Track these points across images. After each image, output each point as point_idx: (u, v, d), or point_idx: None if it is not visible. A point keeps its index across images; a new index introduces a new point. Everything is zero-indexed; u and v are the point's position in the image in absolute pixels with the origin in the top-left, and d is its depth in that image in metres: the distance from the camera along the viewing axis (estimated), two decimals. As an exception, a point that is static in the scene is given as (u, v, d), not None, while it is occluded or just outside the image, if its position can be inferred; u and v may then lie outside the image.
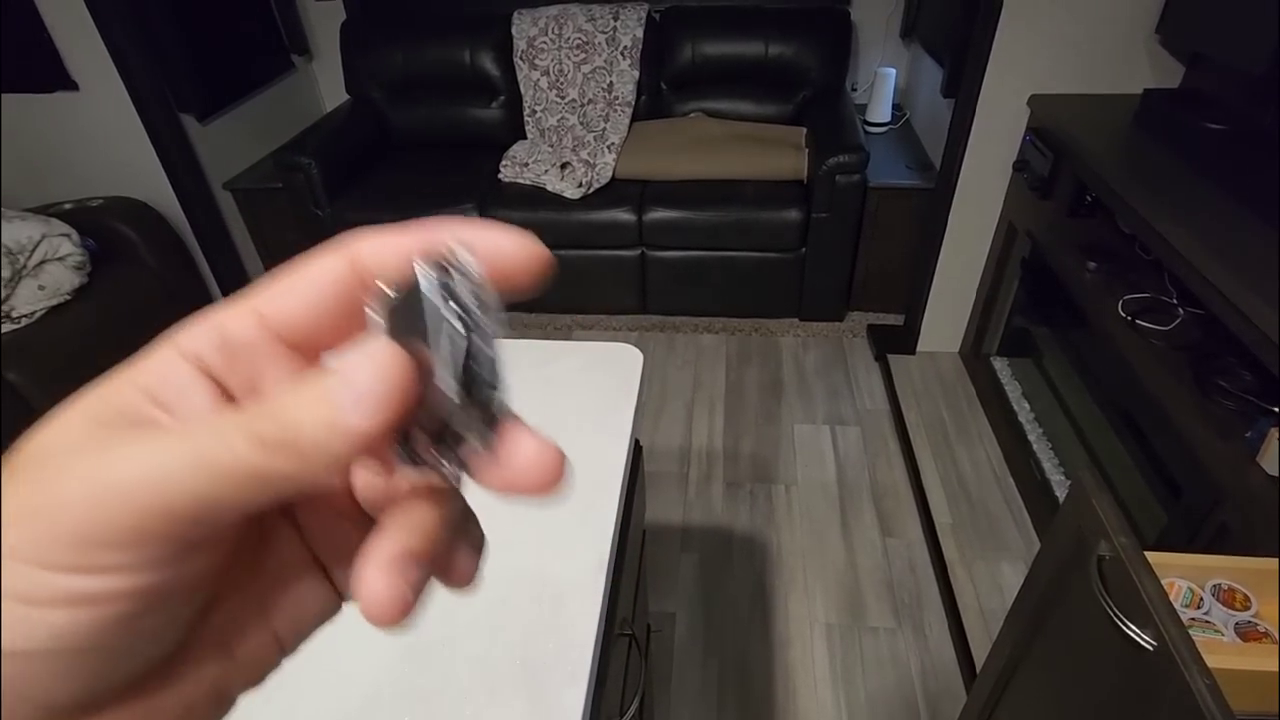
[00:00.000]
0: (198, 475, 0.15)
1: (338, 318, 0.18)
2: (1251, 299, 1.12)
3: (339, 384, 0.16)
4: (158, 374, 0.17)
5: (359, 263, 0.18)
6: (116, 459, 0.15)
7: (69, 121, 2.35)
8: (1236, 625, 0.84)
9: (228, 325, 0.18)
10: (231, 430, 0.15)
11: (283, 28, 2.91)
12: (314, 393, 0.16)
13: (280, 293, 0.18)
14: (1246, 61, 1.42)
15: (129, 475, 0.15)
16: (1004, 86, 1.91)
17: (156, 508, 0.15)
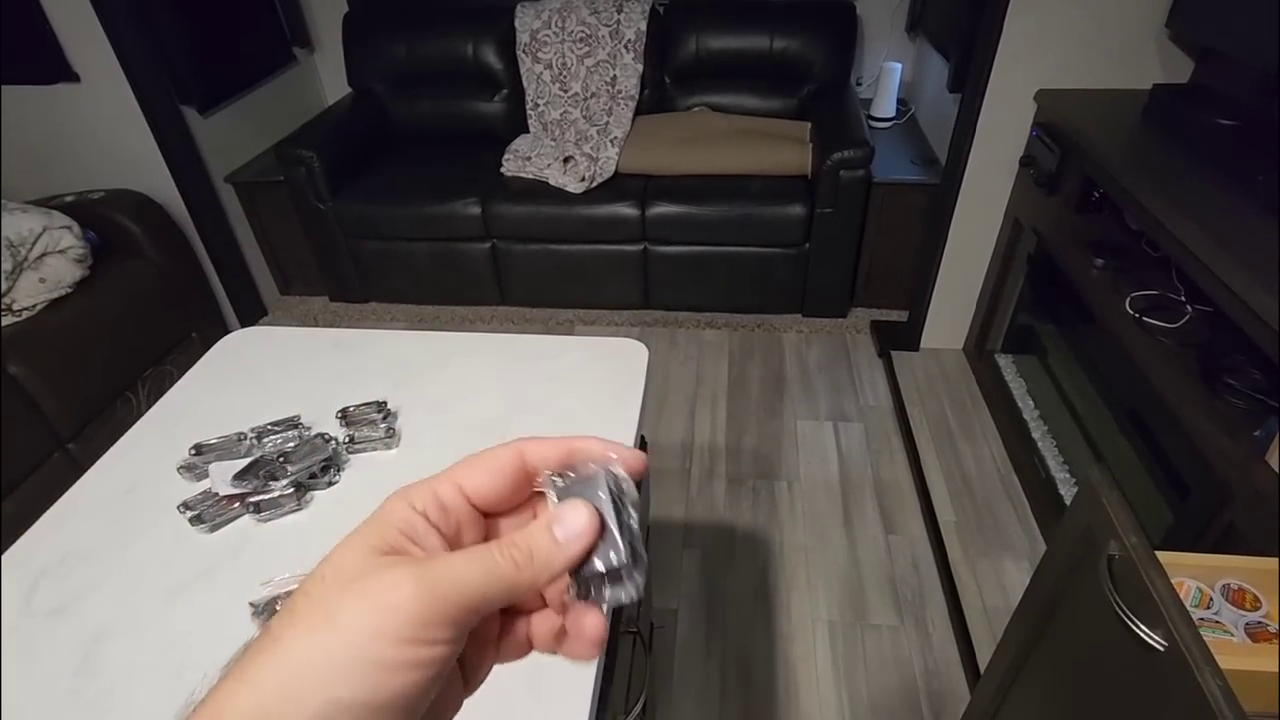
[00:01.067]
0: (487, 580, 0.24)
1: (510, 492, 0.28)
2: (1261, 296, 1.11)
3: (561, 526, 0.26)
4: (403, 520, 0.25)
5: (525, 456, 0.28)
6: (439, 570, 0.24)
7: (70, 114, 2.34)
8: (1246, 625, 0.84)
9: (440, 491, 0.27)
10: (501, 554, 0.25)
11: (284, 20, 2.89)
12: (546, 532, 0.26)
13: (475, 473, 0.28)
14: (1257, 57, 1.41)
15: (452, 579, 0.23)
16: (1010, 81, 1.90)
17: (465, 600, 0.23)
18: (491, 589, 0.24)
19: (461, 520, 0.27)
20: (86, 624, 0.70)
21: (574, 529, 0.26)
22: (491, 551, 0.25)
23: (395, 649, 0.22)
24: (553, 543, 0.25)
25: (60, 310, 1.94)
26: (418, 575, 0.23)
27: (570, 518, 0.26)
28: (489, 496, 0.28)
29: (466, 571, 0.24)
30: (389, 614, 0.22)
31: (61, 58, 2.23)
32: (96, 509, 0.83)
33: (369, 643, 0.21)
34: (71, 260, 1.97)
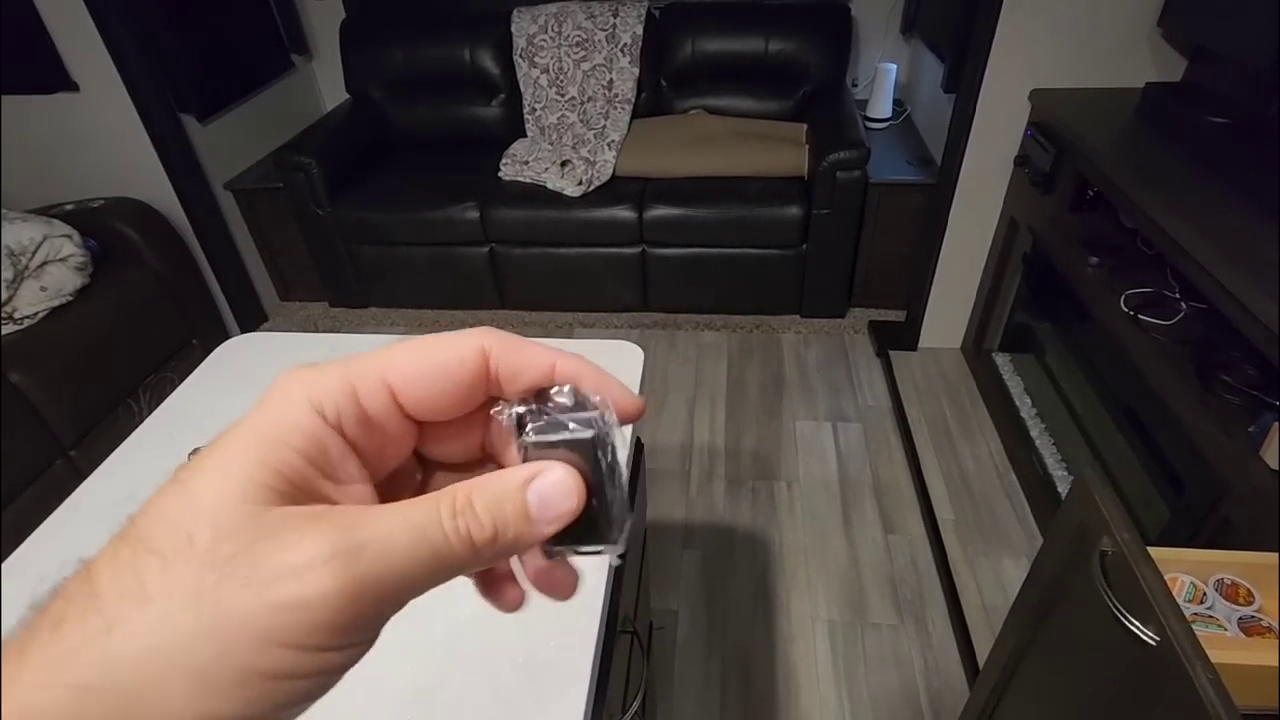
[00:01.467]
0: (427, 562, 0.17)
1: (459, 401, 0.21)
2: (1255, 293, 1.11)
3: (539, 504, 0.19)
4: (310, 438, 0.18)
5: (491, 358, 0.21)
6: (371, 548, 0.17)
7: (69, 122, 2.35)
8: (1240, 620, 0.84)
9: (363, 393, 0.19)
10: (453, 524, 0.18)
11: (282, 27, 2.91)
12: (518, 504, 0.19)
13: (414, 374, 0.20)
14: (1250, 54, 1.42)
15: (388, 573, 0.17)
16: (1005, 81, 1.91)
17: (395, 592, 0.17)
18: (433, 573, 0.18)
19: (388, 435, 0.20)
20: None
21: (557, 506, 0.19)
22: (439, 518, 0.18)
23: (295, 657, 0.16)
24: (525, 519, 0.19)
25: (61, 318, 1.95)
26: (340, 556, 0.16)
27: (553, 490, 0.19)
28: (429, 402, 0.20)
29: (402, 545, 0.17)
30: (293, 615, 0.16)
31: (60, 67, 2.25)
32: (97, 515, 0.83)
33: (257, 649, 0.16)
34: (72, 268, 1.98)
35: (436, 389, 0.20)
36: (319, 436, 0.18)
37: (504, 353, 0.21)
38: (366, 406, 0.19)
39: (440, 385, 0.20)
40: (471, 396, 0.21)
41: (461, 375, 0.20)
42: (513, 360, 0.21)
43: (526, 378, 0.21)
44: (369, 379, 0.19)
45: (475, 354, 0.20)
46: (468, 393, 0.21)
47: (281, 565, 0.16)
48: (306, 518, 0.17)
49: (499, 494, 0.19)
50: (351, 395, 0.19)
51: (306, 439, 0.18)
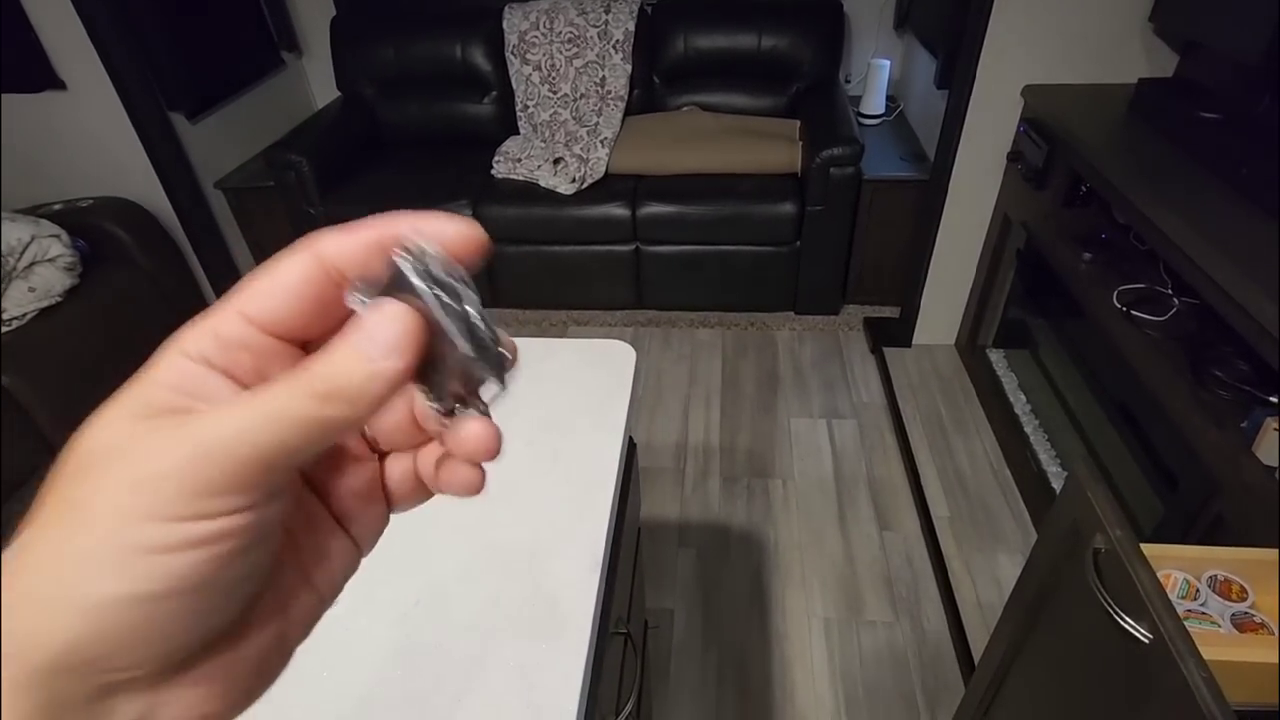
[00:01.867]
0: (278, 428, 0.18)
1: (314, 309, 0.21)
2: (1247, 288, 1.11)
3: (367, 340, 0.19)
4: (177, 373, 0.20)
5: (324, 258, 0.21)
6: (210, 426, 0.18)
7: (57, 121, 2.33)
8: (1233, 616, 0.84)
9: (219, 327, 0.20)
10: (296, 391, 0.19)
11: (272, 24, 2.89)
12: (349, 352, 0.19)
13: (258, 293, 0.21)
14: (1241, 49, 1.42)
15: (226, 435, 0.18)
16: (998, 77, 1.91)
17: (252, 458, 0.18)
18: (289, 435, 0.19)
19: (260, 356, 0.21)
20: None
21: (385, 338, 0.19)
22: (280, 389, 0.19)
23: (162, 529, 0.17)
24: (363, 362, 0.19)
25: (51, 319, 1.93)
26: (181, 437, 0.18)
27: (377, 326, 0.19)
28: (285, 319, 0.21)
29: (249, 419, 0.18)
30: (147, 490, 0.17)
31: (47, 65, 2.23)
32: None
33: (126, 527, 0.17)
34: (61, 269, 1.96)
35: (281, 300, 0.21)
36: (184, 370, 0.20)
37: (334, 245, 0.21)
38: (225, 334, 0.20)
39: (284, 296, 0.21)
40: (324, 300, 0.21)
41: (298, 280, 0.21)
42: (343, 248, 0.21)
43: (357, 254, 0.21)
44: (224, 314, 0.20)
45: (308, 256, 0.21)
46: (314, 295, 0.21)
47: (135, 454, 0.18)
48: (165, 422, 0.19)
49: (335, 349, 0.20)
50: (210, 333, 0.20)
51: (174, 374, 0.20)
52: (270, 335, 0.21)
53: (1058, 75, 1.88)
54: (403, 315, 0.20)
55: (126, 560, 0.17)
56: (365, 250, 0.21)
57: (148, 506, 0.17)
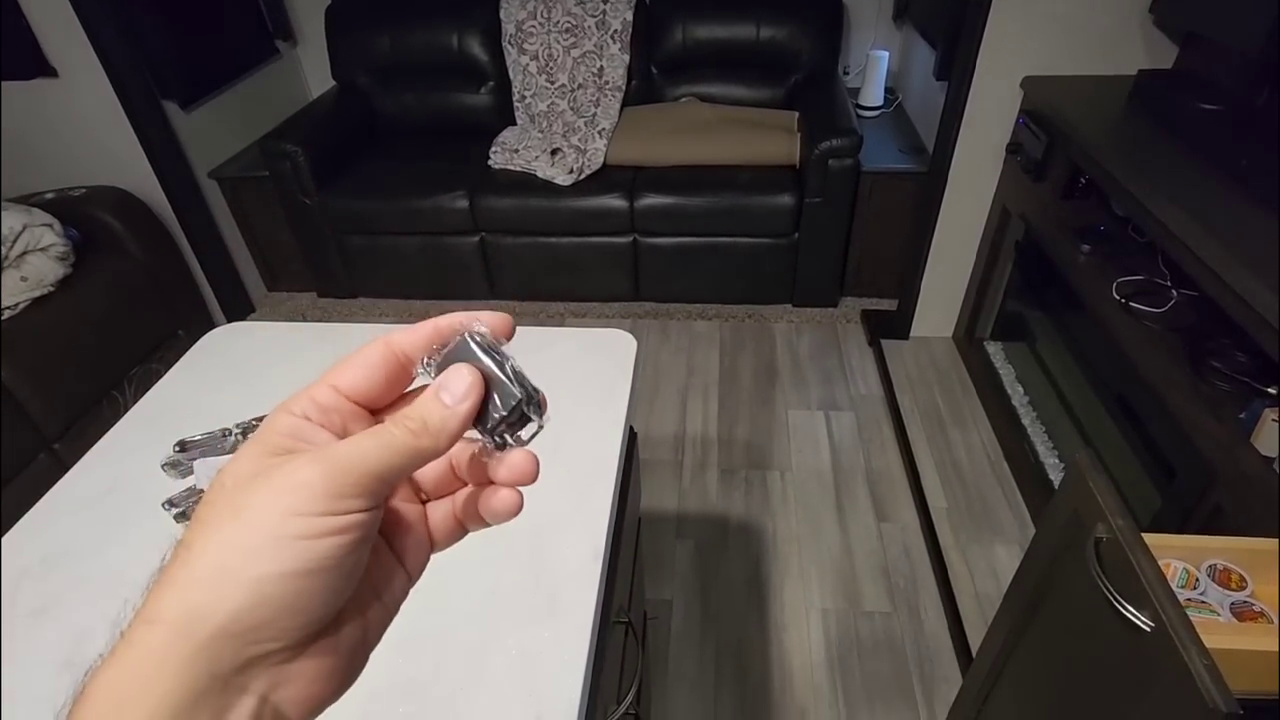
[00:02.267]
0: (388, 453, 0.26)
1: (386, 383, 0.29)
2: (1246, 280, 1.11)
3: (446, 392, 0.27)
4: (288, 426, 0.27)
5: (393, 345, 0.29)
6: (340, 450, 0.25)
7: (49, 109, 2.30)
8: (1232, 605, 0.85)
9: (316, 395, 0.28)
10: (399, 428, 0.26)
11: (266, 12, 2.86)
12: (434, 400, 0.27)
13: (345, 370, 0.29)
14: (1241, 41, 1.41)
15: (354, 455, 0.25)
16: (997, 68, 1.90)
17: (371, 472, 0.25)
18: (394, 458, 0.26)
19: (345, 417, 0.28)
20: (69, 625, 0.69)
21: (458, 389, 0.27)
22: (388, 426, 0.26)
23: (309, 521, 0.23)
24: (443, 406, 0.27)
25: (43, 309, 1.91)
26: (318, 456, 0.25)
27: (452, 380, 0.27)
28: (365, 390, 0.29)
29: (366, 445, 0.25)
30: (297, 493, 0.23)
31: (39, 52, 2.20)
32: (79, 508, 0.82)
33: (282, 521, 0.23)
34: (54, 258, 1.94)
35: (362, 375, 0.28)
36: (291, 424, 0.27)
37: (401, 336, 0.29)
38: (321, 401, 0.28)
39: (363, 371, 0.28)
40: (392, 376, 0.29)
41: (373, 359, 0.29)
42: (409, 339, 0.29)
43: (422, 341, 0.29)
44: (319, 386, 0.28)
45: (381, 344, 0.29)
46: (385, 373, 0.29)
47: (284, 470, 0.24)
48: (297, 453, 0.25)
49: (423, 398, 0.28)
50: (309, 398, 0.28)
51: (287, 427, 0.27)
52: (352, 402, 0.28)
53: (1057, 67, 1.87)
54: (470, 372, 0.28)
55: (283, 545, 0.23)
56: (425, 339, 0.29)
57: (297, 505, 0.23)
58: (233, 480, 0.25)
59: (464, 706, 0.61)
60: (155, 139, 2.36)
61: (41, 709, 0.62)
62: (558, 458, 0.83)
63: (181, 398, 0.97)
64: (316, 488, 0.24)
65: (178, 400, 0.96)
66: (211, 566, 0.23)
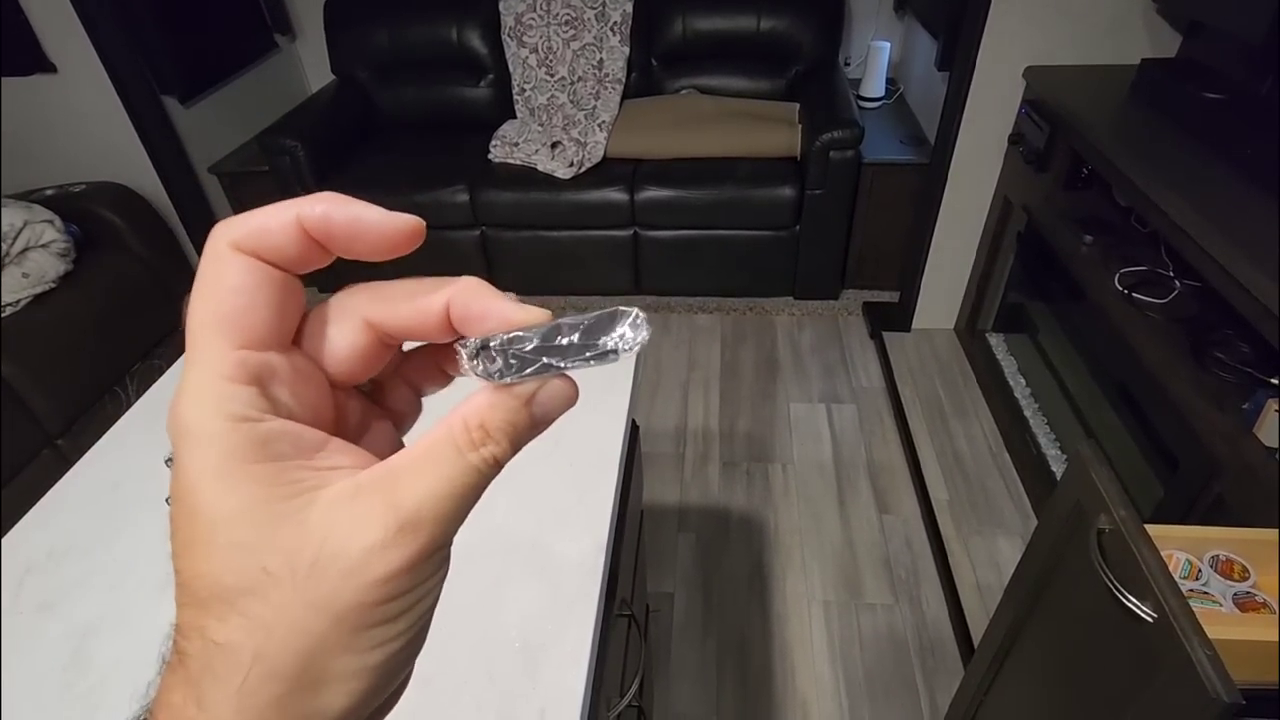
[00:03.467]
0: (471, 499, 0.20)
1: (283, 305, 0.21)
2: (1250, 270, 1.11)
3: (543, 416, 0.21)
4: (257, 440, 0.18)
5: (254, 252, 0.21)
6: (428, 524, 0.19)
7: (48, 105, 2.30)
8: (1235, 596, 0.85)
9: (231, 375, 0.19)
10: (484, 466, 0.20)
11: (265, 6, 2.85)
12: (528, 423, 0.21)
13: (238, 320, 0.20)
14: (1244, 29, 1.40)
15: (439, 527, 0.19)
16: (999, 58, 1.89)
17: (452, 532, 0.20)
18: (474, 501, 0.20)
19: (289, 381, 0.20)
20: (75, 620, 0.69)
21: (554, 412, 0.21)
22: (466, 457, 0.19)
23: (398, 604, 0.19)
24: (532, 428, 0.21)
25: (45, 305, 1.91)
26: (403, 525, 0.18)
27: (550, 401, 0.21)
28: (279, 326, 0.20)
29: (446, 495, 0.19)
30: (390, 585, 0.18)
31: (37, 48, 2.20)
32: (83, 503, 0.82)
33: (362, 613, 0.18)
34: (54, 254, 1.94)
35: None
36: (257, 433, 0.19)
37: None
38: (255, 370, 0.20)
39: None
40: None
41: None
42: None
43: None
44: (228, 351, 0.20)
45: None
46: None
47: (361, 552, 0.18)
48: (349, 499, 0.19)
49: (510, 415, 0.20)
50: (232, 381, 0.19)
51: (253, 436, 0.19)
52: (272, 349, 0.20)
53: (1060, 56, 1.86)
54: (573, 395, 0.22)
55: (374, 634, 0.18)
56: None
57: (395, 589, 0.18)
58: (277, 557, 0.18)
59: (468, 699, 0.61)
60: (155, 134, 2.36)
61: (48, 702, 0.63)
62: (559, 450, 0.83)
63: (184, 393, 0.97)
64: (404, 581, 0.18)
65: (180, 396, 0.96)
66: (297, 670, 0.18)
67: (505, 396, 0.20)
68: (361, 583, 0.18)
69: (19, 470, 1.77)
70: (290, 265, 0.20)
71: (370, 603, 0.18)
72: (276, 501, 0.18)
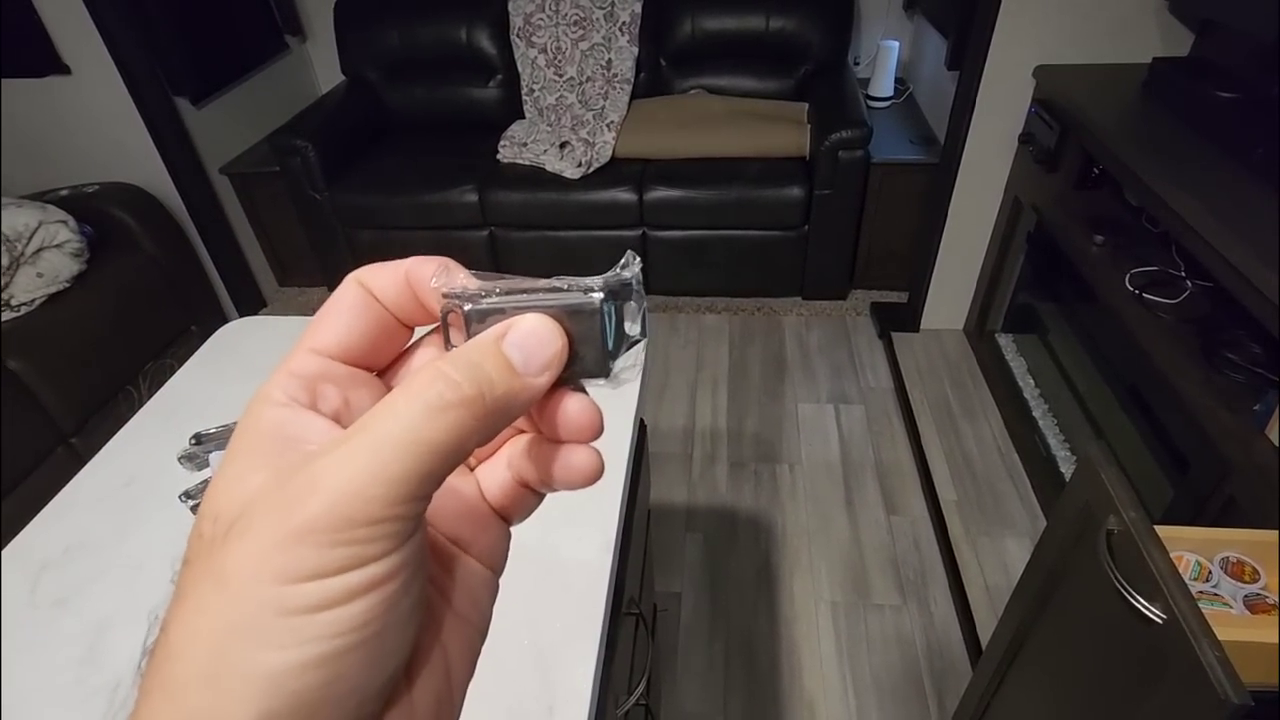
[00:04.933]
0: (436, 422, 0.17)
1: (380, 333, 0.22)
2: (1261, 271, 1.10)
3: (524, 358, 0.19)
4: (274, 421, 0.19)
5: (366, 285, 0.22)
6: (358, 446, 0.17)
7: (62, 106, 2.32)
8: (1245, 598, 0.84)
9: (294, 367, 0.20)
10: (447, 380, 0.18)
11: (275, 7, 2.87)
12: (502, 365, 0.19)
13: (320, 328, 0.21)
14: (1257, 28, 1.39)
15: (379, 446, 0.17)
16: (1009, 58, 1.88)
17: (403, 475, 0.17)
18: (447, 430, 0.17)
19: (342, 385, 0.20)
20: (90, 615, 0.70)
21: (539, 354, 0.20)
22: (433, 380, 0.18)
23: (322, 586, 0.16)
24: (511, 373, 0.19)
25: (58, 305, 1.94)
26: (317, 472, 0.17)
27: (528, 337, 0.20)
28: (356, 344, 0.21)
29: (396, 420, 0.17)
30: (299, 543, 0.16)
31: (51, 50, 2.22)
32: (97, 500, 0.83)
33: (281, 592, 0.16)
34: (68, 254, 1.96)
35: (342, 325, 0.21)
36: (280, 417, 0.19)
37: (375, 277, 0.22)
38: (303, 372, 0.20)
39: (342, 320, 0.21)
40: (383, 324, 0.22)
41: (347, 304, 0.21)
42: (382, 280, 0.22)
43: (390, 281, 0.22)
44: (295, 355, 0.21)
45: (349, 284, 0.22)
46: (371, 319, 0.21)
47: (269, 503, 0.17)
48: (303, 458, 0.18)
49: (472, 355, 0.19)
50: (288, 374, 0.20)
51: (271, 424, 0.19)
52: (344, 363, 0.21)
53: (1070, 55, 1.85)
54: (556, 332, 0.20)
55: (293, 624, 0.16)
56: (402, 275, 0.22)
57: (300, 563, 0.16)
58: (211, 525, 0.17)
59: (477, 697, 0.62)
60: (167, 135, 2.38)
61: (65, 696, 0.64)
62: (568, 451, 0.83)
63: (196, 392, 0.98)
64: (322, 525, 0.16)
65: (193, 394, 0.97)
66: (203, 664, 0.16)
67: (471, 342, 0.20)
68: (277, 537, 0.16)
69: (32, 468, 1.79)
70: (390, 305, 0.22)
71: (291, 571, 0.16)
72: (249, 471, 0.17)
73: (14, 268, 1.86)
